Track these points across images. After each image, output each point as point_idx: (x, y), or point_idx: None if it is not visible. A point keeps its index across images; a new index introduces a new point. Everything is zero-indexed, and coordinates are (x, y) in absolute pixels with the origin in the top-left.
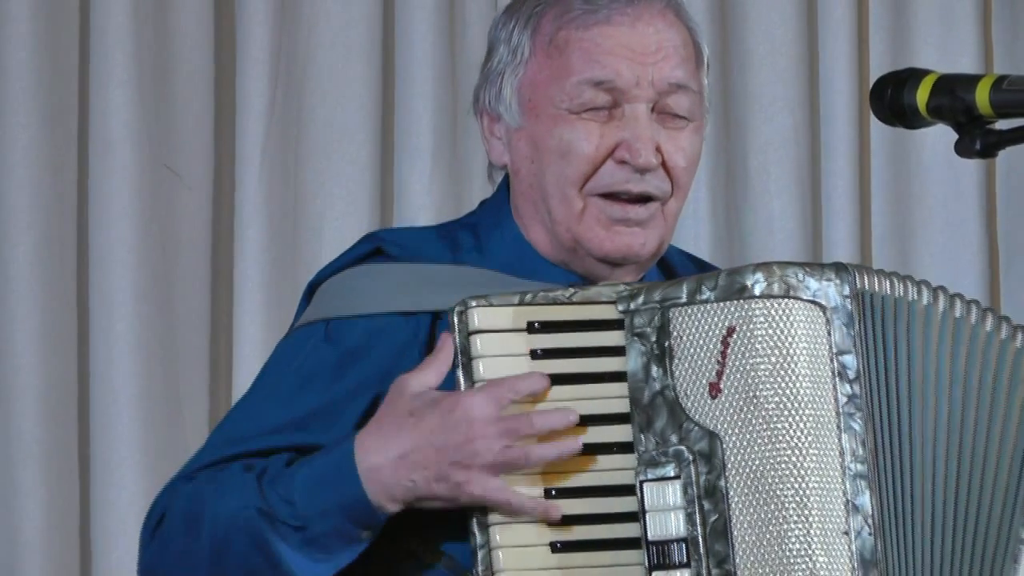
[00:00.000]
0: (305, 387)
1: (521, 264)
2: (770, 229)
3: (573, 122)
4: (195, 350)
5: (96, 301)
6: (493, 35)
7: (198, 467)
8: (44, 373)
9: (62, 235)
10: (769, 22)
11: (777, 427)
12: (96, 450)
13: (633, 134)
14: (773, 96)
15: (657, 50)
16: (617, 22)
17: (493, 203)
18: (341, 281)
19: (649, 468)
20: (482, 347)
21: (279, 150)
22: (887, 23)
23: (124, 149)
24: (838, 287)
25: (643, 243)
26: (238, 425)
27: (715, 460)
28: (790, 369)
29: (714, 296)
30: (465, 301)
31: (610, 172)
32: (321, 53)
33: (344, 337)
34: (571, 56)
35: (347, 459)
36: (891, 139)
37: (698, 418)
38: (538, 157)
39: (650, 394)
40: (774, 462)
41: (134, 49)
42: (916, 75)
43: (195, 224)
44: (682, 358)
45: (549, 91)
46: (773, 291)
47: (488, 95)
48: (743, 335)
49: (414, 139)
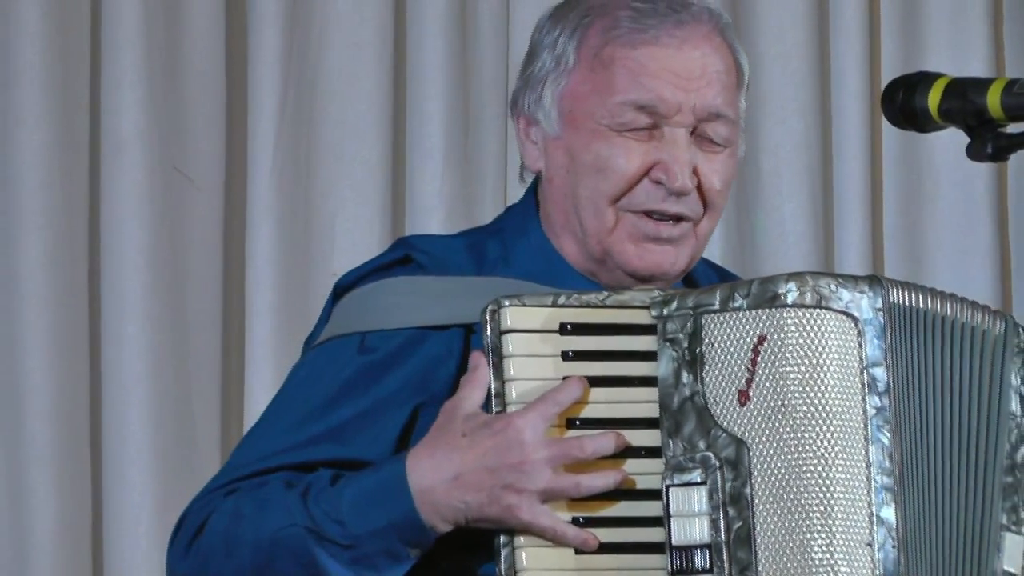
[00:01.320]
0: (340, 398)
1: (548, 273)
2: (781, 233)
3: (612, 139)
4: (207, 353)
5: (107, 304)
6: (536, 39)
7: (236, 478)
8: (55, 376)
9: (73, 238)
10: (780, 24)
11: (804, 436)
12: (107, 453)
13: (671, 156)
14: (784, 99)
15: (701, 75)
16: (664, 43)
17: (521, 208)
18: (373, 293)
19: (676, 473)
20: (513, 347)
21: (290, 151)
22: (899, 25)
23: (135, 150)
24: (871, 299)
25: (673, 262)
26: (273, 436)
27: (741, 467)
28: (820, 379)
29: (746, 304)
30: (498, 300)
31: (645, 191)
32: (333, 53)
33: (378, 348)
34: (616, 74)
35: (399, 479)
36: (903, 142)
37: (726, 425)
38: (574, 168)
39: (680, 400)
40: (800, 471)
41: (145, 49)
42: (928, 78)
43: (206, 226)
44: (713, 365)
45: (590, 105)
46: (805, 300)
47: (528, 100)
48: (774, 344)
49: (426, 140)
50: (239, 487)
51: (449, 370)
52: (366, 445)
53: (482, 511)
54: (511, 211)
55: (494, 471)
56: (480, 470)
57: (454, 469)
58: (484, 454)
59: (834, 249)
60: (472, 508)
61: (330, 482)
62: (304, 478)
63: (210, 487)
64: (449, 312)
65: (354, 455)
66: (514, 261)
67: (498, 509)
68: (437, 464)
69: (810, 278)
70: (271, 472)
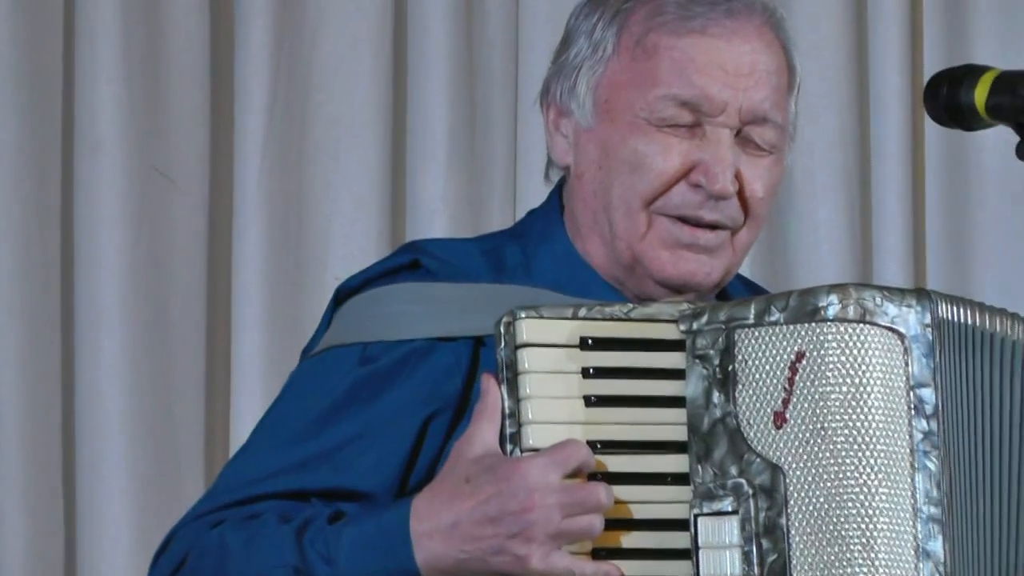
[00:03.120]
0: (338, 413)
1: (572, 282)
2: (816, 239)
3: (651, 134)
4: (190, 369)
5: (82, 315)
6: (572, 24)
7: (225, 504)
8: (26, 391)
9: (45, 243)
10: (814, 14)
11: (845, 463)
12: (82, 477)
13: (713, 157)
14: (819, 95)
15: (750, 73)
16: (713, 34)
17: (544, 212)
18: (375, 299)
19: (705, 501)
20: (530, 362)
21: (281, 150)
22: (943, 14)
23: (112, 150)
24: (918, 314)
25: (708, 272)
26: (266, 455)
27: (777, 495)
28: (862, 400)
29: (784, 318)
30: (513, 311)
31: (681, 194)
32: (327, 44)
33: (380, 359)
34: (659, 64)
35: (401, 524)
36: (947, 141)
37: (761, 449)
38: (607, 164)
39: (710, 421)
40: (840, 500)
41: (123, 40)
42: (974, 72)
43: (190, 231)
44: (746, 384)
45: (630, 96)
46: (848, 315)
47: (560, 87)
48: (813, 361)
49: (428, 138)
50: (227, 517)
51: (455, 385)
52: (366, 472)
53: (485, 562)
54: (533, 215)
55: (496, 520)
56: (480, 519)
57: (452, 517)
58: (485, 501)
59: (872, 258)
60: (472, 559)
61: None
62: (302, 512)
63: (198, 510)
64: (459, 322)
65: (351, 484)
66: (536, 269)
67: (508, 560)
68: (436, 511)
69: (853, 290)
70: (262, 499)
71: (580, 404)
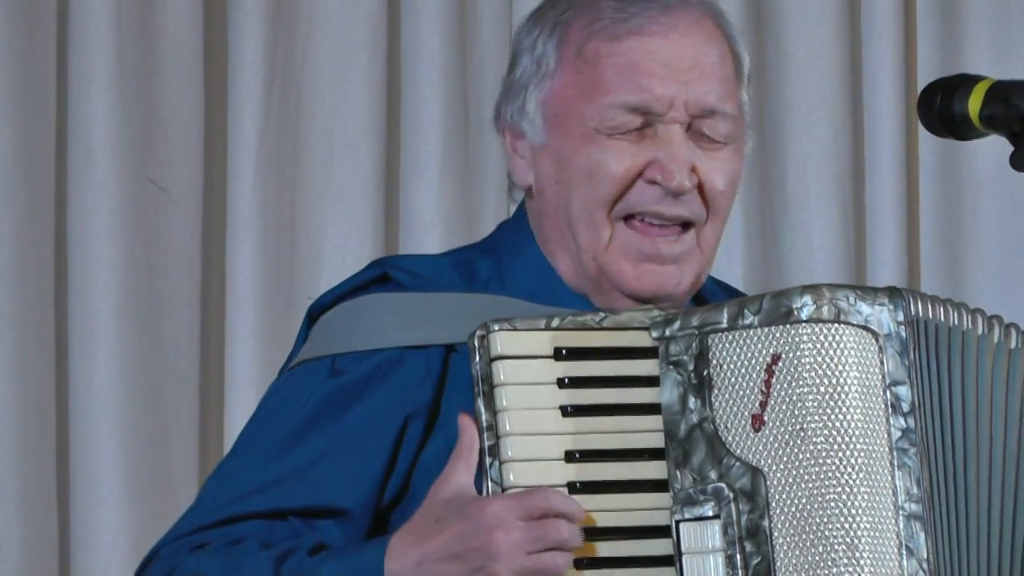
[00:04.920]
0: (310, 427)
1: (544, 293)
2: (809, 249)
3: (604, 143)
4: (183, 378)
5: (75, 326)
6: (516, 43)
7: (206, 525)
8: (19, 403)
9: (37, 254)
10: (808, 22)
11: (825, 463)
12: (76, 490)
13: (667, 154)
14: (812, 104)
15: (692, 67)
16: (650, 32)
17: (513, 225)
18: (346, 312)
19: (686, 507)
20: (505, 374)
21: (275, 161)
22: (936, 23)
23: (105, 160)
24: (892, 313)
25: (677, 282)
26: (243, 473)
27: (758, 498)
28: (840, 400)
29: (758, 320)
30: (487, 324)
31: (639, 192)
32: (320, 54)
33: (349, 371)
34: (603, 73)
35: (376, 564)
36: (941, 151)
37: (740, 453)
38: (564, 177)
39: (687, 427)
40: (822, 501)
41: (116, 50)
42: (968, 81)
43: (183, 242)
44: (722, 388)
45: (578, 108)
46: (822, 315)
47: (510, 109)
48: (789, 363)
49: (422, 149)
50: (209, 540)
51: (426, 393)
52: (341, 488)
53: None
54: (503, 228)
55: (459, 557)
56: (445, 556)
57: (419, 555)
58: (449, 540)
59: (866, 268)
60: None
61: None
62: (283, 539)
63: (180, 530)
64: (429, 331)
65: (326, 502)
66: (509, 281)
67: None
68: (405, 551)
69: (827, 291)
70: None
71: (557, 414)
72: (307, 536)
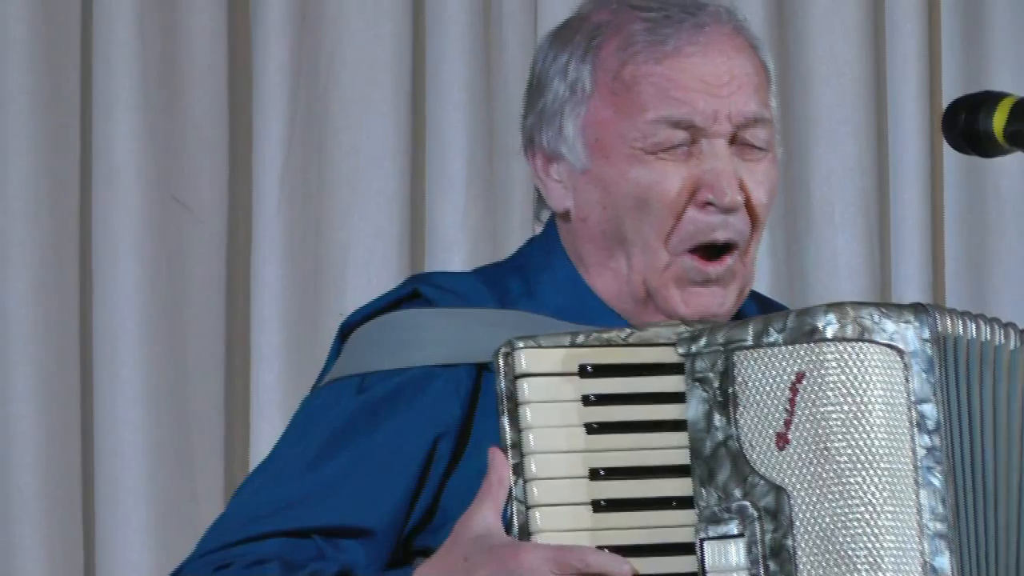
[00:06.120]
0: (337, 445)
1: (577, 308)
2: (834, 266)
3: (649, 163)
4: (209, 398)
5: (100, 346)
6: (542, 68)
7: (230, 543)
8: (44, 423)
9: (62, 274)
10: (832, 39)
11: (849, 482)
12: (101, 509)
13: (714, 172)
14: (836, 121)
15: (730, 80)
16: (688, 52)
17: (542, 243)
18: (376, 329)
19: (710, 525)
20: (530, 392)
21: (299, 180)
22: (960, 40)
23: (130, 180)
24: (917, 330)
25: (721, 302)
26: (269, 491)
27: (782, 517)
28: (864, 418)
29: (782, 339)
30: (511, 342)
31: (693, 220)
32: (345, 73)
33: (378, 388)
34: (642, 93)
35: None
36: (965, 168)
37: (764, 471)
38: (611, 202)
39: (712, 444)
40: (846, 520)
41: (140, 69)
42: (992, 98)
43: (208, 261)
44: (747, 406)
45: (620, 129)
46: (846, 334)
47: (546, 135)
48: (813, 381)
49: (447, 167)
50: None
51: (454, 412)
52: (367, 507)
53: None
54: (532, 245)
55: None
56: None
57: None
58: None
59: (891, 284)
60: None
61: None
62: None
63: (205, 547)
64: (460, 348)
65: (351, 522)
66: (539, 296)
67: None
68: None
69: (851, 308)
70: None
71: (582, 432)
72: (331, 556)
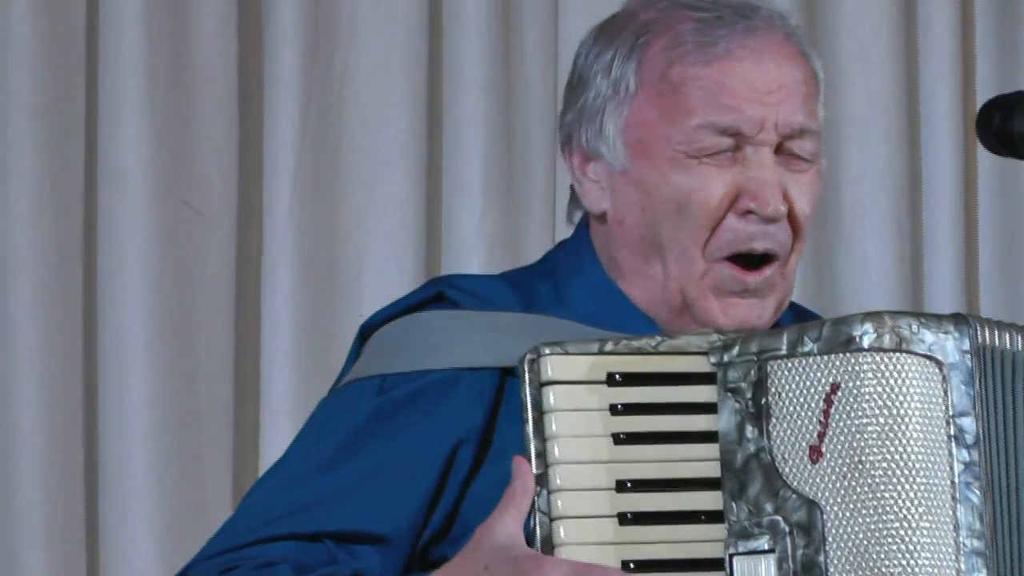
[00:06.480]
0: (354, 447)
1: (608, 314)
2: (865, 271)
3: (692, 167)
4: (218, 406)
5: (105, 352)
6: (583, 64)
7: (239, 545)
8: (48, 431)
9: (67, 280)
10: (862, 39)
11: (884, 497)
12: (106, 521)
13: (759, 180)
14: (867, 122)
15: (780, 88)
16: (739, 56)
17: (573, 247)
18: (398, 330)
19: (740, 540)
20: (555, 400)
21: (311, 182)
22: (995, 39)
23: (137, 183)
24: (957, 341)
25: (759, 314)
26: (281, 493)
27: (814, 532)
28: (901, 432)
29: (817, 348)
30: (537, 348)
31: (733, 228)
32: (359, 73)
33: (398, 389)
34: (689, 96)
35: None
36: (1000, 170)
37: (796, 485)
38: (651, 206)
39: (744, 457)
40: (880, 536)
41: (147, 69)
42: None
43: (218, 266)
44: (780, 417)
45: (664, 131)
46: (884, 344)
47: (585, 133)
48: (849, 393)
49: (464, 170)
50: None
51: (477, 418)
52: (382, 512)
53: None
54: (562, 249)
55: None
56: None
57: None
58: None
59: (923, 291)
60: None
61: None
62: (317, 563)
63: (212, 548)
64: (484, 352)
65: (365, 527)
66: (568, 302)
67: None
68: None
69: (888, 318)
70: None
71: (609, 442)
72: (343, 561)
